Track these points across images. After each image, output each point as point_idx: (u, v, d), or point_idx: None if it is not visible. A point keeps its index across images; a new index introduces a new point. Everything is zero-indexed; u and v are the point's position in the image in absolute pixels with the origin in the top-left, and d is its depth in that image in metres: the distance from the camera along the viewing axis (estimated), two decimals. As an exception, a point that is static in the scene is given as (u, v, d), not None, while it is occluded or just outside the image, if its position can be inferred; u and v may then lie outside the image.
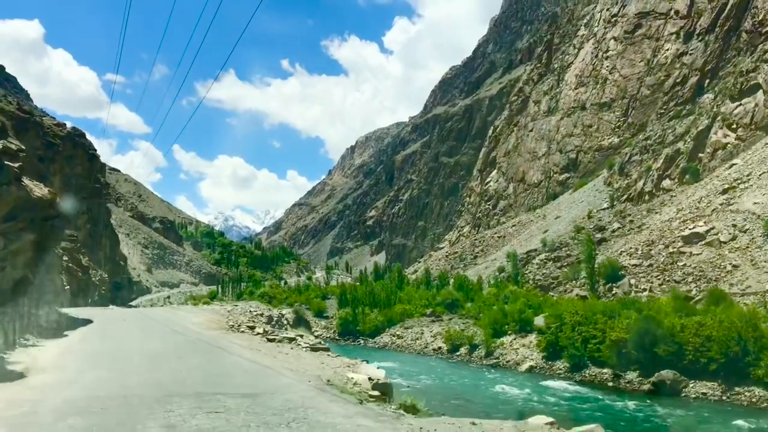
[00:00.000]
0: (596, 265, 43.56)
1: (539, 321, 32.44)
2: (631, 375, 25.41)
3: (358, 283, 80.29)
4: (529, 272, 60.36)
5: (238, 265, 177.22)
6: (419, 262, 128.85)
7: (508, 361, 31.84)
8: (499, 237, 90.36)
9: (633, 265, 43.19)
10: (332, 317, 52.83)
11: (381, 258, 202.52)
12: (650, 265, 42.15)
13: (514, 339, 33.57)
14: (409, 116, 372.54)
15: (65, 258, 48.57)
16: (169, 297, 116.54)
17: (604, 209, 72.51)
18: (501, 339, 34.08)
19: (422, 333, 42.06)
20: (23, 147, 17.70)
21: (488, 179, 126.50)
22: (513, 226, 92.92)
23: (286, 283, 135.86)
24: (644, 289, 39.91)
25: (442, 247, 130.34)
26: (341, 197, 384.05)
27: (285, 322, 36.01)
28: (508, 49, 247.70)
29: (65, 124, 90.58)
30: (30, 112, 79.39)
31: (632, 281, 41.47)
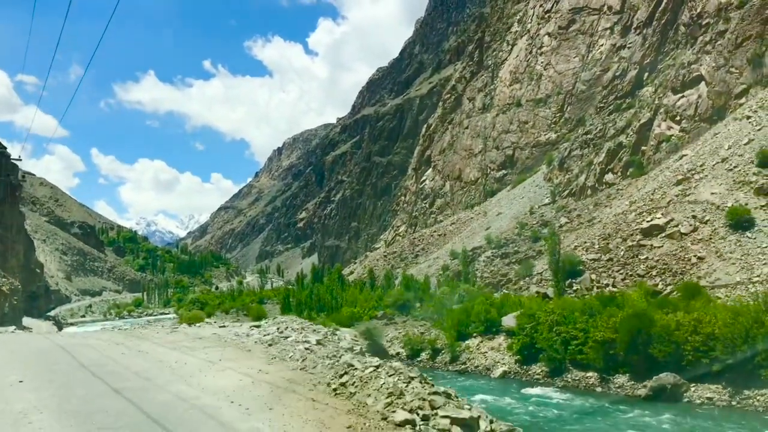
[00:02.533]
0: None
1: (509, 321, 29.96)
2: (621, 379, 23.14)
3: (293, 287, 76.69)
4: (477, 270, 58.43)
5: (164, 271, 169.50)
6: (355, 263, 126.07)
7: (477, 366, 29.21)
8: (439, 235, 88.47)
9: (591, 260, 41.53)
10: (273, 324, 49.23)
11: (313, 260, 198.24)
12: (610, 259, 40.57)
13: (481, 342, 30.99)
14: (338, 117, 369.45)
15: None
16: (90, 306, 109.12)
17: (545, 205, 71.65)
18: (466, 342, 31.43)
19: (376, 338, 38.96)
20: None
21: (423, 178, 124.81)
22: (452, 223, 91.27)
23: (217, 288, 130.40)
24: (606, 285, 38.23)
25: (378, 248, 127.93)
26: (269, 200, 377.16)
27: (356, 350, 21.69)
28: (435, 50, 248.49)
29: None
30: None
31: (593, 276, 39.77)
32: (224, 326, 25.12)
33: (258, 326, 22.22)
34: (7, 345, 22.06)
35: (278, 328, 20.04)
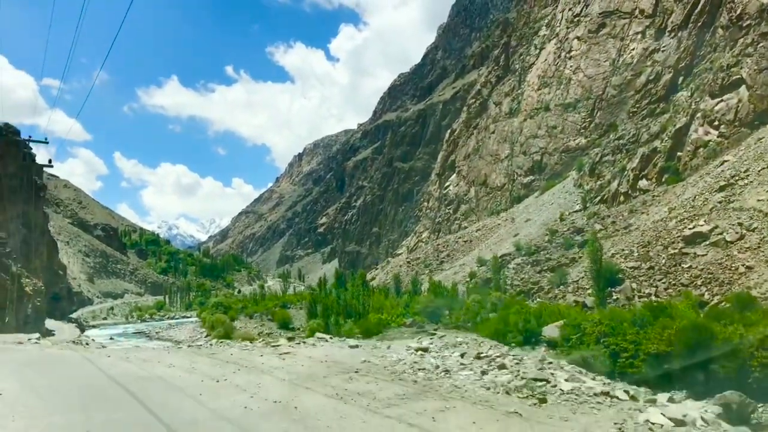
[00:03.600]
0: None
1: (550, 331, 28.47)
2: (678, 396, 21.61)
3: (316, 291, 75.70)
4: (506, 277, 56.93)
5: (186, 274, 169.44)
6: (376, 269, 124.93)
7: (517, 378, 27.78)
8: (464, 242, 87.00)
9: (631, 268, 39.95)
10: (300, 328, 48.16)
11: (333, 265, 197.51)
12: (651, 267, 38.96)
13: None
14: (359, 123, 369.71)
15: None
16: (112, 308, 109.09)
17: (576, 211, 69.91)
18: (504, 353, 30.03)
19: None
20: None
21: (447, 183, 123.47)
22: (478, 230, 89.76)
23: (239, 291, 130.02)
24: (649, 294, 36.64)
25: (400, 254, 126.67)
26: (290, 205, 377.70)
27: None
28: (457, 56, 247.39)
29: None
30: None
31: (633, 285, 38.20)
32: (356, 345, 18.77)
33: (425, 350, 17.00)
34: (25, 374, 12.73)
35: (463, 354, 13.31)
